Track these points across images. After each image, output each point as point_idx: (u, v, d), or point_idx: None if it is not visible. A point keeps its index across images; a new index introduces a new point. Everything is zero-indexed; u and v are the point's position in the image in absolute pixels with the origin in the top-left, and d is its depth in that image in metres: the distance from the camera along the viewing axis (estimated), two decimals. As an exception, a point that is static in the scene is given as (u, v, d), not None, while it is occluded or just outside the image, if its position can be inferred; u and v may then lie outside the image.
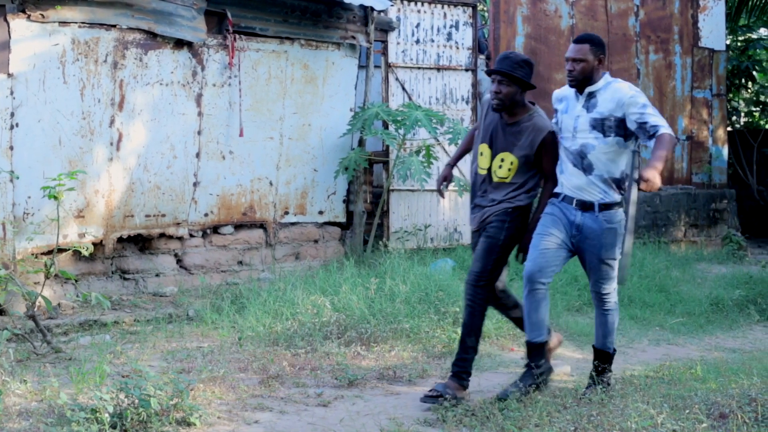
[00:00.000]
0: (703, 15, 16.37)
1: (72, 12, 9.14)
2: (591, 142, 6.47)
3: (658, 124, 6.30)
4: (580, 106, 6.61)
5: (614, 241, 6.50)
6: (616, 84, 6.56)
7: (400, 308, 8.74)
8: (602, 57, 6.56)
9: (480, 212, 6.82)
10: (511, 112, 6.74)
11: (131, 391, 5.63)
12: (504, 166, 6.73)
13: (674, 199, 15.89)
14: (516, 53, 6.89)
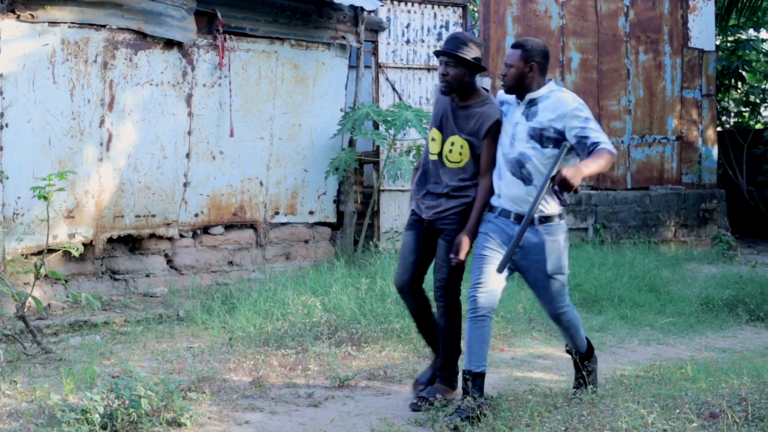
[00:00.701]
0: (692, 15, 16.40)
1: (62, 12, 9.12)
2: (528, 152, 6.09)
3: (599, 140, 5.96)
4: (519, 113, 6.23)
5: (560, 255, 6.16)
6: (559, 94, 6.17)
7: (391, 308, 8.74)
8: (535, 64, 6.16)
9: (434, 201, 6.45)
10: (462, 95, 6.41)
11: (122, 391, 5.62)
12: (455, 150, 6.42)
13: (664, 199, 15.92)
14: (465, 33, 6.59)
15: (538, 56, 6.19)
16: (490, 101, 6.41)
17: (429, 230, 6.49)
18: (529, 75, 6.16)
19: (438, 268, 6.48)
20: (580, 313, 10.05)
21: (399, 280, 6.64)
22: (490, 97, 6.46)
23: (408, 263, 6.59)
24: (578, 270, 11.54)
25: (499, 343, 8.62)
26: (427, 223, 6.49)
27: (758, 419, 5.42)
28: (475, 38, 6.39)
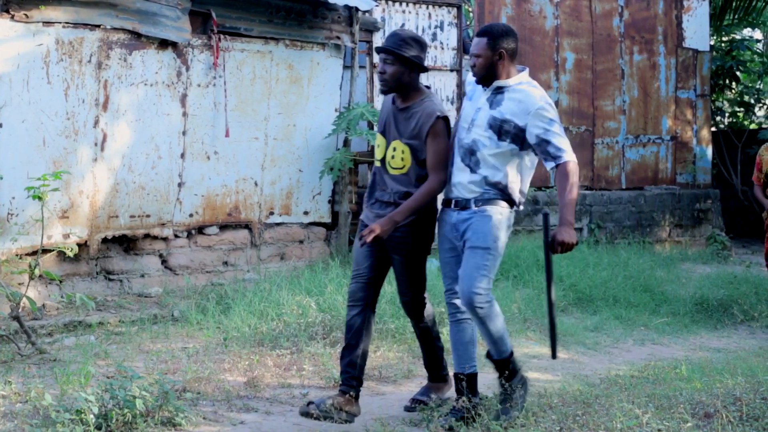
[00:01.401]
0: (687, 15, 16.41)
1: (56, 12, 9.11)
2: (483, 140, 5.82)
3: (563, 148, 5.73)
4: (484, 99, 5.93)
5: (488, 229, 5.76)
6: (528, 88, 5.87)
7: (386, 309, 8.74)
8: (504, 51, 5.81)
9: (383, 211, 6.04)
10: (403, 95, 6.08)
11: (116, 392, 5.62)
12: (396, 155, 6.04)
13: (659, 200, 15.93)
14: (406, 30, 6.16)
15: (506, 42, 5.84)
16: (430, 98, 6.07)
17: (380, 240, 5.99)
18: (499, 63, 5.85)
19: (397, 283, 6.30)
20: (576, 313, 10.10)
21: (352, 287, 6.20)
22: (431, 93, 6.14)
23: (362, 268, 6.18)
24: (573, 270, 11.55)
25: (494, 343, 8.61)
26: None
27: (753, 419, 5.43)
28: (418, 36, 6.11)
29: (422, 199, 5.93)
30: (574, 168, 5.76)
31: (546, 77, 15.12)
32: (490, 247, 5.76)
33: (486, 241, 5.76)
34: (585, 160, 15.51)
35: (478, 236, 5.77)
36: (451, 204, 5.98)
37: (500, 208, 5.84)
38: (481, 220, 5.79)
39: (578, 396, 6.30)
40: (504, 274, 11.48)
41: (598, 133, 15.63)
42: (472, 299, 5.70)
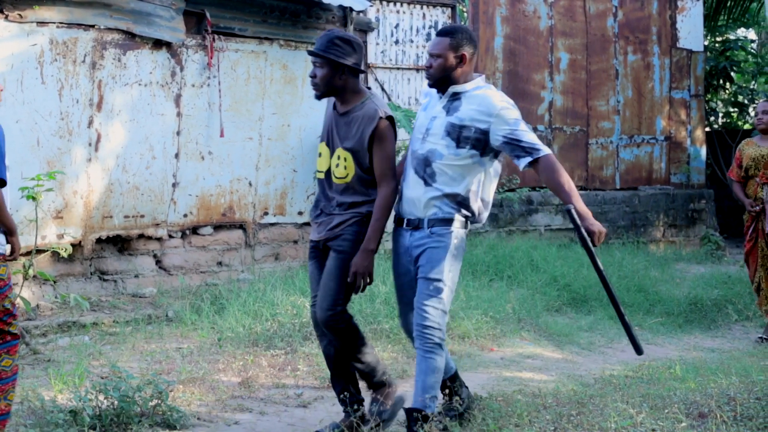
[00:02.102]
0: (681, 16, 16.44)
1: (50, 12, 9.10)
2: (440, 149, 5.45)
3: (535, 143, 5.37)
4: (440, 106, 5.59)
5: (442, 258, 5.41)
6: (487, 90, 5.56)
7: (380, 309, 8.75)
8: (466, 54, 5.50)
9: (326, 219, 5.71)
10: (341, 99, 5.70)
11: (111, 392, 5.62)
12: (340, 164, 5.65)
13: (653, 200, 15.96)
14: (337, 30, 5.69)
15: (468, 45, 5.53)
16: (371, 100, 5.66)
17: (326, 252, 5.72)
18: (459, 66, 5.52)
19: (323, 283, 5.65)
20: (570, 314, 10.11)
21: (314, 316, 5.80)
22: (372, 95, 5.73)
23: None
24: (567, 270, 11.56)
25: (489, 344, 8.63)
26: (322, 245, 5.73)
27: (747, 419, 5.43)
28: (350, 37, 5.67)
29: (383, 213, 5.55)
30: (555, 159, 5.39)
31: (540, 77, 15.13)
32: (444, 279, 5.43)
33: (441, 272, 5.42)
34: (579, 161, 15.53)
35: (433, 267, 5.43)
36: (403, 223, 5.61)
37: (455, 231, 5.47)
38: (437, 248, 5.44)
39: (572, 396, 6.30)
40: (498, 275, 11.49)
41: (593, 133, 15.64)
42: (424, 333, 5.39)
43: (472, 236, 13.79)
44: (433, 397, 5.41)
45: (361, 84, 5.75)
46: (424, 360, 5.40)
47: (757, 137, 9.65)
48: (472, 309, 9.21)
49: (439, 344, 5.40)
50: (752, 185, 9.43)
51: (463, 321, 8.85)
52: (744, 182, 9.58)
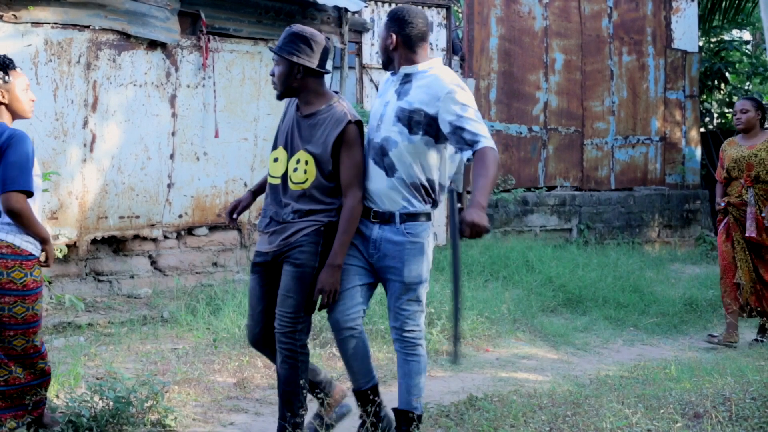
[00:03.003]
0: (675, 17, 16.47)
1: (45, 13, 9.09)
2: (394, 137, 5.20)
3: (479, 133, 5.02)
4: (392, 90, 5.38)
5: (420, 259, 5.23)
6: (438, 72, 5.28)
7: (376, 309, 8.74)
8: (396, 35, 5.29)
9: (280, 228, 5.35)
10: (303, 101, 5.39)
11: (106, 393, 5.61)
12: (299, 168, 5.30)
13: (648, 200, 15.98)
14: (298, 27, 5.41)
15: (398, 26, 5.29)
16: (339, 103, 5.37)
17: (276, 268, 5.37)
18: (391, 47, 5.33)
19: (282, 300, 5.27)
20: (566, 314, 10.12)
21: (250, 334, 5.52)
22: (340, 98, 5.44)
23: (256, 314, 5.45)
24: (562, 270, 11.58)
25: (484, 344, 8.63)
26: (272, 256, 5.36)
27: (742, 419, 5.44)
28: (311, 36, 5.34)
29: (350, 226, 5.20)
30: (493, 154, 5.01)
31: (535, 78, 15.14)
32: (423, 281, 5.26)
33: (420, 275, 5.24)
34: (574, 161, 15.54)
35: (410, 270, 5.21)
36: (369, 215, 5.29)
37: (428, 227, 5.28)
38: (413, 249, 5.21)
39: (568, 396, 6.30)
40: (494, 275, 11.50)
41: (588, 133, 15.66)
42: (405, 337, 5.26)
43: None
44: (419, 398, 5.32)
45: (326, 86, 5.46)
46: (407, 363, 5.29)
47: (739, 136, 9.31)
48: (467, 309, 9.21)
49: (420, 344, 5.30)
50: (735, 186, 9.10)
51: (459, 321, 8.83)
52: (727, 183, 9.24)
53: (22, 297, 5.21)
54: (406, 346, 5.27)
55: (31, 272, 5.28)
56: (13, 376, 5.29)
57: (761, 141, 8.99)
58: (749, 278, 9.04)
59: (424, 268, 5.25)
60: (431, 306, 8.86)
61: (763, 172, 8.88)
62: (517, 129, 14.93)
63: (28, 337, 5.28)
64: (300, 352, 5.28)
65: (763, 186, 8.90)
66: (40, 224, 5.35)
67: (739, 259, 9.07)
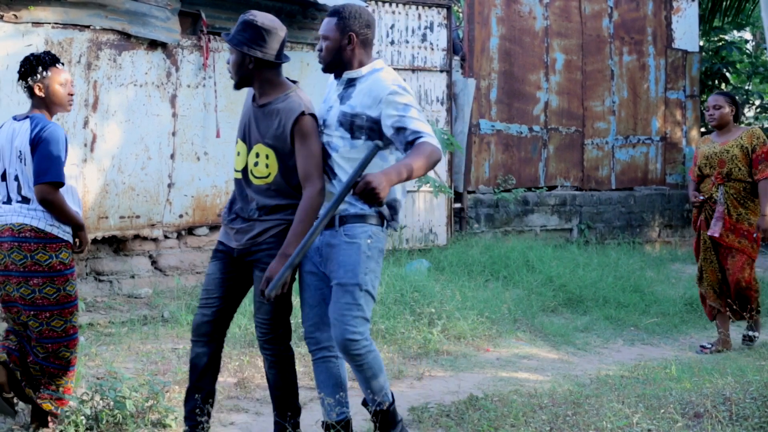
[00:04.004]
0: (676, 17, 16.46)
1: (45, 12, 9.10)
2: (335, 141, 5.06)
3: (421, 131, 4.84)
4: (335, 95, 5.20)
5: (356, 259, 4.96)
6: (381, 74, 5.08)
7: (376, 309, 8.74)
8: (354, 35, 5.06)
9: (245, 225, 5.22)
10: (259, 91, 5.29)
11: (106, 393, 5.62)
12: (260, 162, 5.20)
13: (648, 200, 15.98)
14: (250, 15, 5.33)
15: (358, 26, 5.09)
16: (296, 93, 5.22)
17: (240, 262, 5.27)
18: (348, 49, 5.09)
19: (257, 306, 5.23)
20: (566, 314, 10.11)
21: (198, 317, 5.37)
22: (296, 89, 5.27)
23: (212, 299, 5.34)
24: (563, 270, 11.58)
25: (484, 344, 8.63)
26: (238, 254, 5.24)
27: (742, 418, 5.44)
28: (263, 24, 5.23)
29: (306, 216, 4.98)
30: (431, 149, 4.77)
31: (536, 78, 15.14)
32: (360, 283, 4.95)
33: (356, 276, 4.95)
34: (575, 161, 15.54)
35: (346, 270, 4.96)
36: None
37: (370, 229, 5.03)
38: (348, 249, 4.98)
39: (568, 396, 6.30)
40: (494, 275, 11.51)
41: (588, 133, 15.65)
42: (347, 346, 4.93)
43: (468, 237, 13.79)
44: (385, 393, 5.14)
45: (283, 77, 5.31)
46: (358, 371, 5.06)
47: (713, 134, 8.98)
48: (467, 309, 9.21)
49: (365, 353, 4.98)
50: (707, 184, 8.77)
51: (459, 321, 8.85)
52: (700, 181, 8.89)
53: (50, 278, 5.42)
54: (351, 359, 4.99)
55: (57, 254, 5.47)
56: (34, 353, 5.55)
57: (734, 137, 8.69)
58: (714, 278, 8.82)
59: (360, 270, 4.95)
60: (431, 306, 8.87)
61: (735, 169, 8.58)
62: (517, 129, 14.92)
63: (65, 317, 5.52)
64: (285, 355, 5.26)
65: (734, 184, 8.62)
66: (73, 212, 5.59)
67: (704, 258, 8.87)
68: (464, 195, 14.20)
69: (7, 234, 5.41)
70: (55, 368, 5.54)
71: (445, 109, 13.83)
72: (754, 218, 8.56)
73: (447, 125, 13.81)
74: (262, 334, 5.20)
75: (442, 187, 12.51)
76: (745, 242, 8.61)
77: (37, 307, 5.43)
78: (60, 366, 5.55)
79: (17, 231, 5.39)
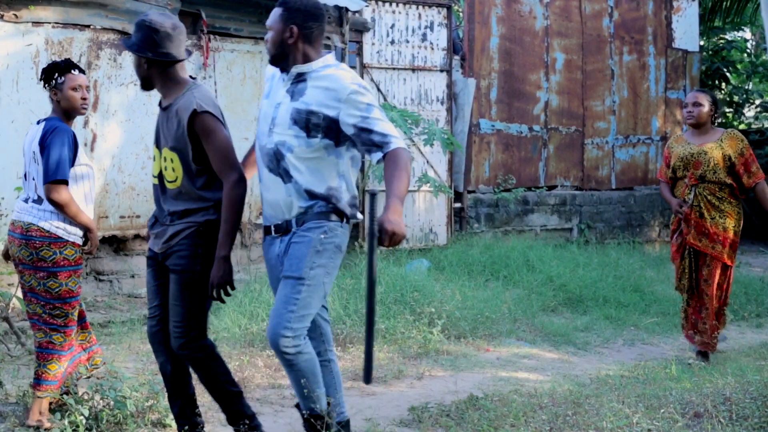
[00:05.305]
0: (676, 16, 16.46)
1: (45, 12, 9.10)
2: (289, 140, 4.79)
3: (388, 133, 4.71)
4: (284, 90, 4.93)
5: (304, 253, 4.74)
6: (336, 71, 4.87)
7: (376, 309, 8.72)
8: (296, 27, 4.83)
9: (161, 230, 5.09)
10: (161, 92, 5.17)
11: (106, 392, 5.62)
12: (168, 166, 5.03)
13: (648, 200, 15.98)
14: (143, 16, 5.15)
15: (302, 18, 4.86)
16: (192, 90, 5.04)
17: (165, 268, 5.14)
18: (290, 41, 4.85)
19: (170, 310, 5.09)
20: (566, 314, 10.11)
21: (148, 328, 5.32)
22: (194, 85, 5.11)
23: (153, 308, 5.27)
24: (563, 270, 11.58)
25: (484, 344, 8.63)
26: (161, 258, 5.12)
27: (742, 418, 5.44)
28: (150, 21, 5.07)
29: (231, 212, 4.87)
30: (406, 155, 4.71)
31: (536, 77, 15.14)
32: (303, 276, 4.72)
33: (299, 269, 4.72)
34: (575, 161, 15.54)
35: (291, 263, 4.76)
36: (270, 231, 4.96)
37: (326, 225, 4.81)
38: (298, 243, 4.78)
39: (568, 396, 6.30)
40: (494, 275, 11.51)
41: (588, 133, 15.65)
42: (277, 341, 4.67)
43: (468, 236, 13.79)
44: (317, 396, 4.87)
45: (183, 75, 5.15)
46: (290, 372, 4.81)
47: (687, 133, 8.49)
48: (467, 309, 9.21)
49: (298, 353, 4.71)
50: (681, 187, 8.31)
51: (459, 321, 8.85)
52: (672, 183, 8.44)
53: (53, 273, 5.67)
54: (281, 357, 4.75)
55: (62, 251, 5.69)
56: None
57: (713, 139, 8.21)
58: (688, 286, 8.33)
59: (305, 264, 4.72)
60: (431, 306, 8.87)
61: (710, 172, 8.07)
62: (517, 128, 14.93)
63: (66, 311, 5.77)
64: (203, 355, 5.11)
65: (708, 186, 8.14)
66: (82, 212, 5.74)
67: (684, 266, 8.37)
68: (464, 195, 14.20)
69: (18, 231, 5.70)
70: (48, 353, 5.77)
71: (445, 109, 13.83)
72: (730, 222, 8.13)
73: (447, 125, 13.81)
74: (176, 337, 5.06)
75: (442, 187, 12.51)
76: (719, 248, 8.14)
77: (42, 298, 5.70)
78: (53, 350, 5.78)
79: (26, 230, 5.66)
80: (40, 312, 5.73)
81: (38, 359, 5.78)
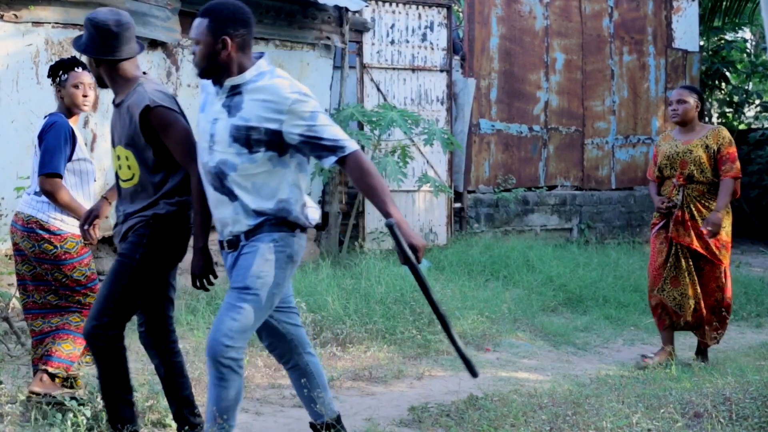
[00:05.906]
0: (676, 16, 16.46)
1: (45, 12, 9.10)
2: (232, 159, 4.54)
3: (339, 137, 4.52)
4: (219, 105, 4.67)
5: (251, 263, 4.56)
6: (273, 80, 4.61)
7: (376, 309, 8.74)
8: (229, 38, 4.57)
9: (118, 228, 5.10)
10: (113, 89, 5.10)
11: (106, 392, 5.61)
12: (123, 164, 4.98)
13: (648, 200, 15.96)
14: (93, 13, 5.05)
15: (232, 27, 4.59)
16: (143, 85, 4.94)
17: None
18: (223, 54, 4.58)
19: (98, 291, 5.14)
20: (566, 313, 10.12)
21: (139, 335, 5.40)
22: (145, 81, 5.01)
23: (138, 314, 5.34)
24: (563, 270, 11.58)
25: (484, 344, 8.63)
26: None
27: (742, 418, 5.45)
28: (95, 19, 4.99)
29: (199, 204, 4.85)
30: (363, 156, 4.54)
31: (536, 78, 15.14)
32: (249, 286, 4.53)
33: (245, 278, 4.54)
34: (575, 161, 15.54)
35: (238, 274, 4.58)
36: (223, 246, 4.78)
37: (277, 235, 4.63)
38: (246, 254, 4.61)
39: (568, 396, 6.30)
40: (494, 275, 11.51)
41: (588, 133, 15.65)
42: (216, 349, 4.46)
43: (468, 236, 13.79)
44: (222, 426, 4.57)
45: (134, 71, 5.08)
46: (215, 386, 4.54)
47: (674, 131, 8.28)
48: (467, 309, 9.22)
49: (232, 367, 4.50)
50: (668, 186, 8.16)
51: (459, 321, 8.85)
52: (660, 182, 8.29)
53: (57, 266, 5.91)
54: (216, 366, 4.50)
55: (62, 245, 5.89)
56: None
57: (699, 136, 8.00)
58: (693, 292, 8.01)
59: (251, 273, 4.55)
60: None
61: (697, 171, 7.90)
62: (517, 128, 14.92)
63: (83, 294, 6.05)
64: (104, 347, 4.95)
65: (697, 186, 7.98)
66: (77, 205, 5.84)
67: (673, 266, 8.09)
68: (464, 195, 14.20)
69: (20, 223, 5.90)
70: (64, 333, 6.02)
71: (445, 109, 13.83)
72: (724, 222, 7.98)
73: (447, 125, 13.81)
74: (89, 319, 4.95)
75: (442, 187, 12.51)
76: (712, 248, 8.00)
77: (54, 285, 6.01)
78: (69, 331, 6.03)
79: (26, 221, 5.87)
80: (54, 300, 5.97)
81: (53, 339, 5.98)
